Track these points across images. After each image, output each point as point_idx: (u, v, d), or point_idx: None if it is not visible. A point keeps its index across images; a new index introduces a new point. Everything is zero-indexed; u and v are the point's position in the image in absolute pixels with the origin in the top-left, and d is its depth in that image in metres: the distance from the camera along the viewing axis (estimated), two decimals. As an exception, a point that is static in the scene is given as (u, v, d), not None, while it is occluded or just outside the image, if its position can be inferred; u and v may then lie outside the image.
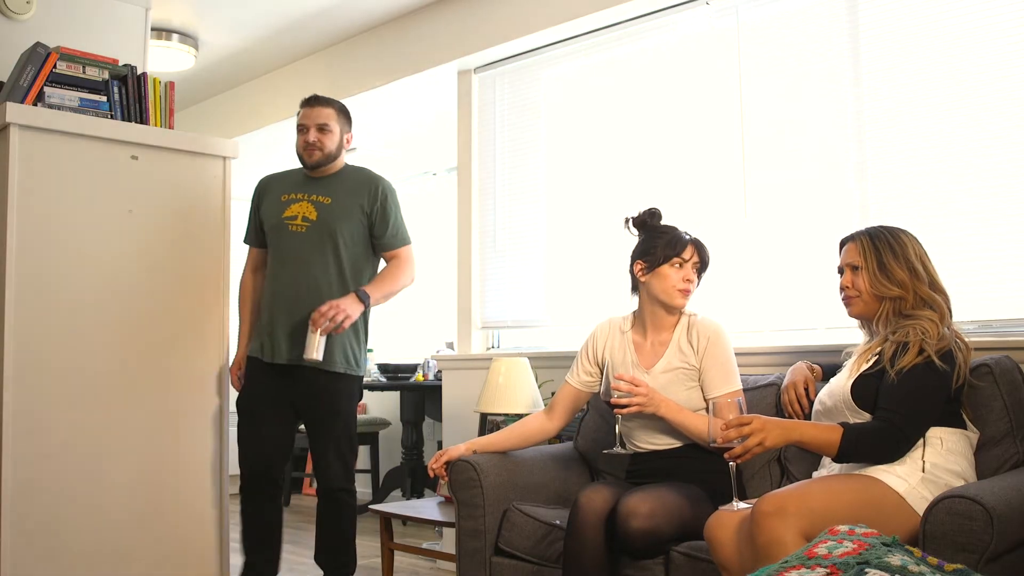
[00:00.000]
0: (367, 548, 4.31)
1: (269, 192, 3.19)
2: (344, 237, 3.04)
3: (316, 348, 2.87)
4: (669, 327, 2.57)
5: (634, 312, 2.66)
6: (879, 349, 2.17)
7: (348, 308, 2.91)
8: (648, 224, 2.61)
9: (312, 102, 3.12)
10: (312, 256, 3.03)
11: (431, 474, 2.64)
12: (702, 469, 2.42)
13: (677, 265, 2.51)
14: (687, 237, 2.55)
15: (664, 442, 2.51)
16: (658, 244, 2.53)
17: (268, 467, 3.06)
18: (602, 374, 2.52)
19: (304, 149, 3.08)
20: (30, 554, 2.81)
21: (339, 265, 3.04)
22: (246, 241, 3.27)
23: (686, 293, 2.52)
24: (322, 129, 3.07)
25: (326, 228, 3.04)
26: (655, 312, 2.58)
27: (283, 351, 3.02)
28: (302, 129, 3.09)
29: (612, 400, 2.40)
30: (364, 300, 2.99)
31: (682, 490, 2.32)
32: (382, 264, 3.19)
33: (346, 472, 3.05)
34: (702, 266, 2.56)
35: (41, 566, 2.83)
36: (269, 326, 3.06)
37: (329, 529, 3.08)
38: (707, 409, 2.41)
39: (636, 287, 2.63)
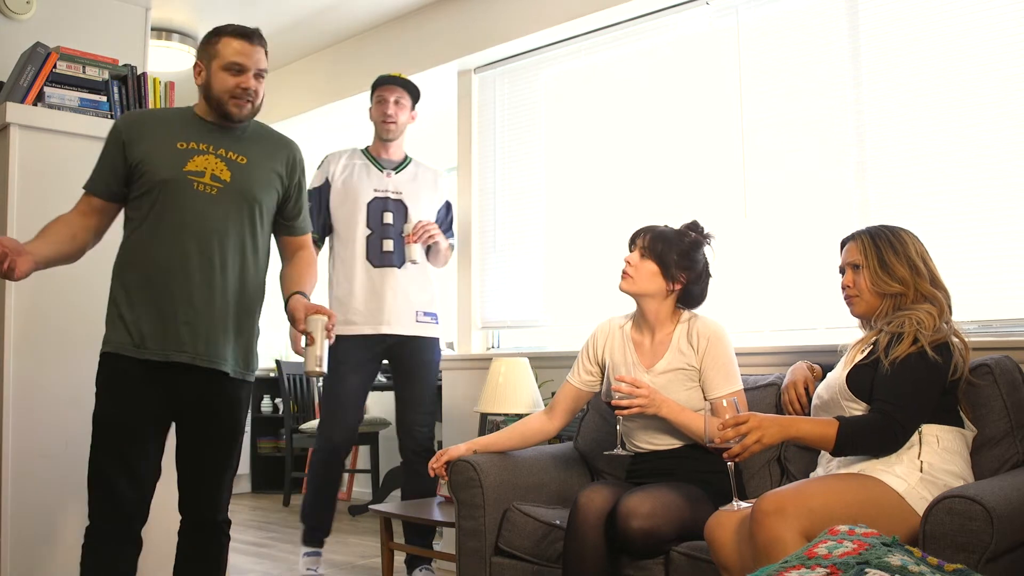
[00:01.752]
0: (367, 548, 4.32)
1: (149, 132, 2.35)
2: (262, 210, 2.39)
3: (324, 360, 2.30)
4: (666, 326, 2.57)
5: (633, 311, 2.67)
6: (874, 339, 2.17)
7: None
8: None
9: (254, 38, 2.34)
10: (226, 228, 2.32)
11: (431, 474, 2.63)
12: (702, 469, 2.42)
13: (631, 250, 2.56)
14: (655, 228, 2.55)
15: (664, 442, 2.51)
16: None
17: (144, 501, 2.31)
18: (603, 374, 2.52)
19: (239, 97, 2.33)
20: (30, 553, 2.81)
21: (255, 245, 2.38)
22: (87, 187, 2.39)
23: (624, 275, 2.54)
24: (259, 77, 2.37)
25: (244, 195, 2.35)
26: (636, 305, 2.60)
27: (184, 344, 2.27)
28: (238, 69, 2.31)
29: (613, 401, 2.40)
30: None
31: (682, 490, 2.32)
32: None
33: (228, 500, 2.45)
34: (653, 255, 2.50)
35: (41, 565, 2.83)
36: (154, 310, 2.27)
37: (205, 570, 2.41)
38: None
39: None
